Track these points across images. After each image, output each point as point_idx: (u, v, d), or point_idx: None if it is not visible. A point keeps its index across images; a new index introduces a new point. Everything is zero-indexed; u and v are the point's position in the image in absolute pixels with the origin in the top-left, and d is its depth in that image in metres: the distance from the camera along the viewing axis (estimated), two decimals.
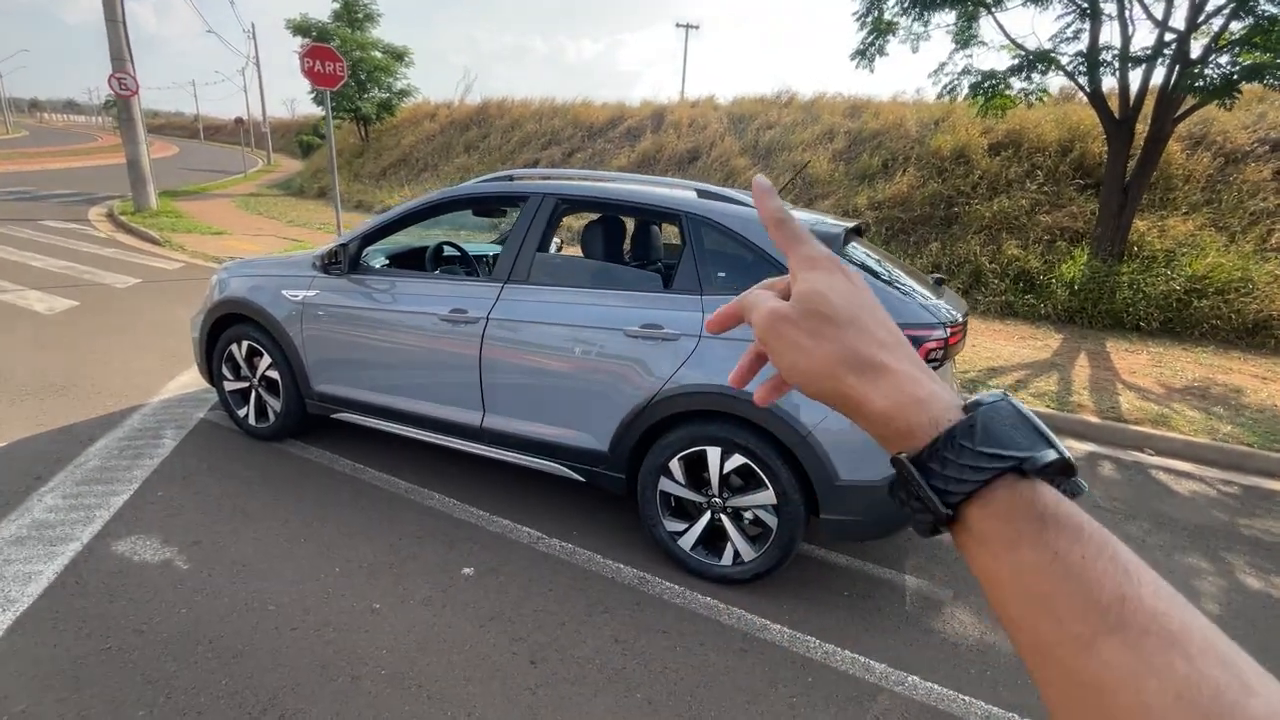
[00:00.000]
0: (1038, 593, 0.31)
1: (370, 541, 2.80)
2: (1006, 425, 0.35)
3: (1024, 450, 0.33)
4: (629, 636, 2.32)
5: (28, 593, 2.34)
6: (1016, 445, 0.34)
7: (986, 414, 0.35)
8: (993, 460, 0.33)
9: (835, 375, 0.39)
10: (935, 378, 0.38)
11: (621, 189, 2.90)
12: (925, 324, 2.32)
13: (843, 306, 0.39)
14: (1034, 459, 0.33)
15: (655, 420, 2.57)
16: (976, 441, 0.34)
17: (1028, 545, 0.32)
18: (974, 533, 0.34)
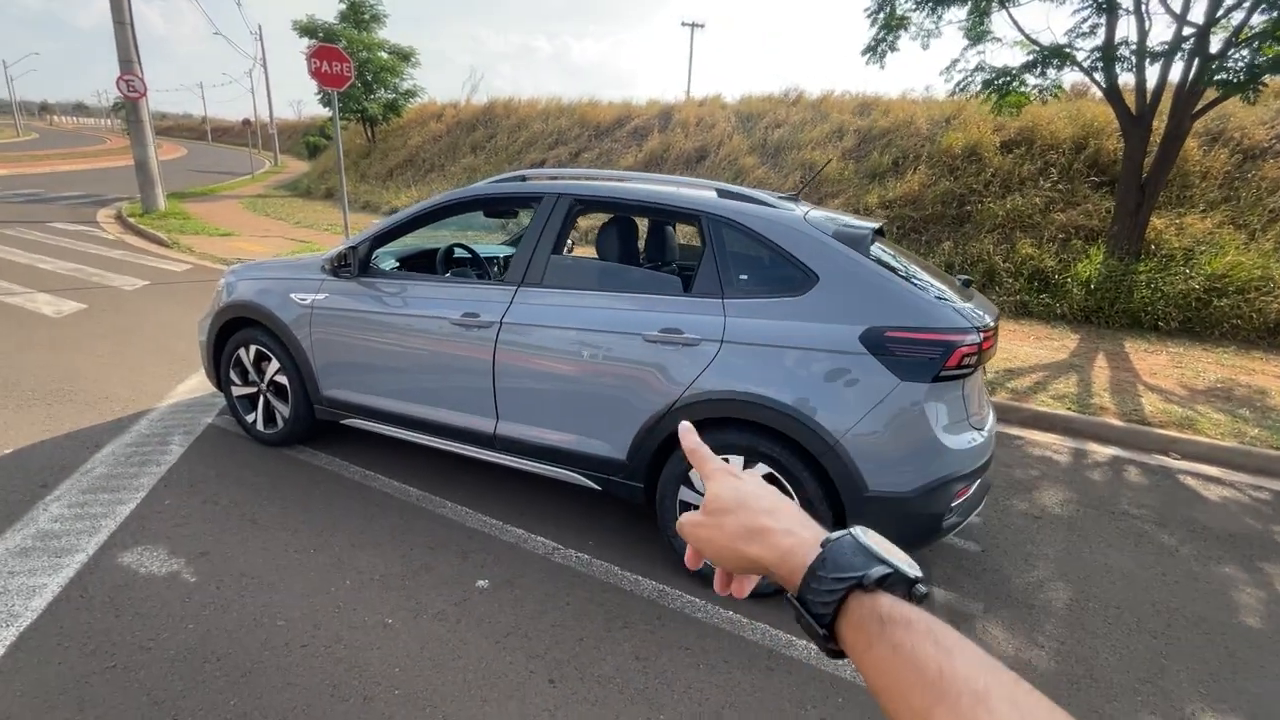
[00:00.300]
0: (890, 681, 0.39)
1: (381, 552, 2.72)
2: (848, 554, 0.45)
3: (859, 570, 0.43)
4: (650, 653, 2.24)
5: (32, 607, 2.27)
6: (854, 568, 0.43)
7: (832, 549, 0.45)
8: (839, 583, 0.43)
9: (735, 546, 0.51)
10: (807, 524, 0.50)
11: (639, 189, 2.81)
12: (958, 329, 2.23)
13: (731, 497, 0.53)
14: (868, 575, 0.42)
15: (675, 428, 2.48)
16: (827, 570, 0.44)
17: (876, 644, 0.40)
18: (848, 645, 0.43)
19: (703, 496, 0.56)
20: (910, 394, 2.21)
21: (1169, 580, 2.93)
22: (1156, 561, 3.08)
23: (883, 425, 2.22)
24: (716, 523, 0.53)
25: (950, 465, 2.26)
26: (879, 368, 2.22)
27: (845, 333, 2.27)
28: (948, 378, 2.23)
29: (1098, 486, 3.92)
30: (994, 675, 0.37)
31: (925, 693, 0.37)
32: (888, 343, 2.22)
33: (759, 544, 0.50)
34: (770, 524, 0.50)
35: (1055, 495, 3.71)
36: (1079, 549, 3.14)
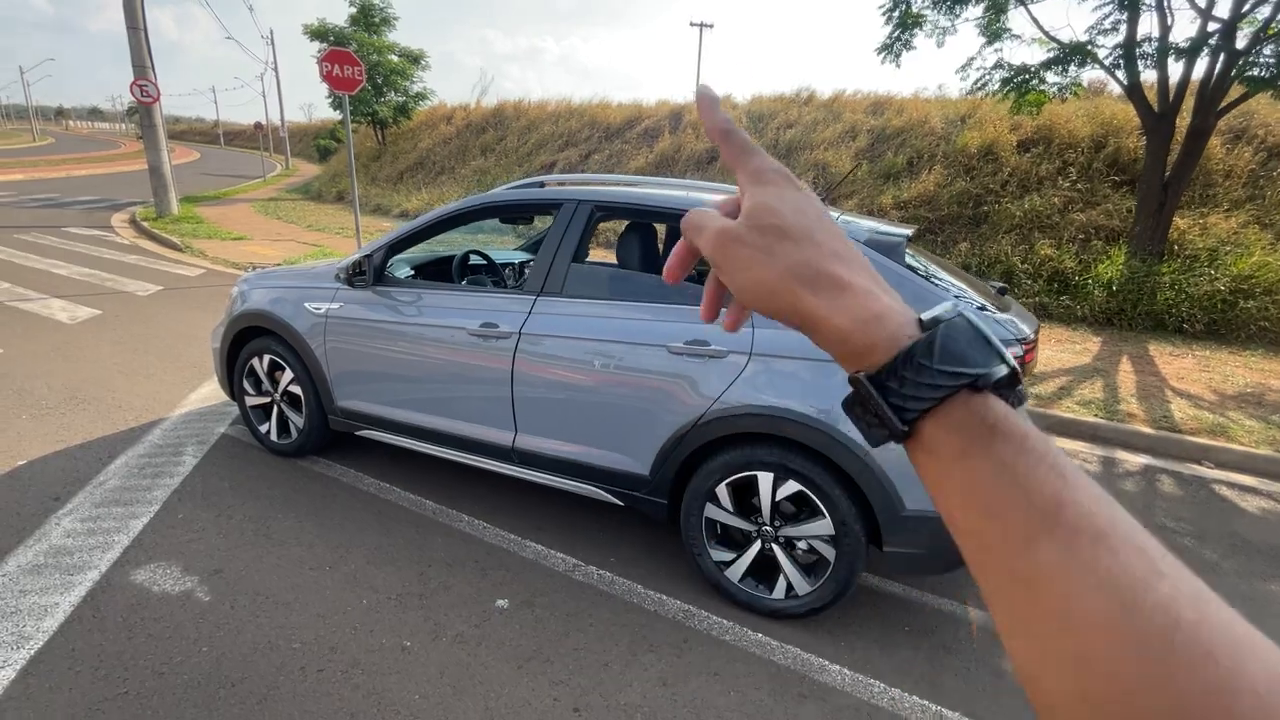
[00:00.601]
0: (984, 499, 0.32)
1: (398, 569, 2.66)
2: (963, 342, 0.35)
3: (980, 367, 0.34)
4: (677, 680, 2.16)
5: (44, 628, 2.22)
6: (973, 363, 0.34)
7: (945, 332, 0.35)
8: (951, 378, 0.34)
9: (791, 291, 0.38)
10: (891, 292, 0.38)
11: (661, 195, 2.73)
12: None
13: (795, 219, 0.38)
14: (989, 375, 0.34)
15: (701, 443, 2.40)
16: (935, 360, 0.34)
17: (977, 456, 0.33)
18: (926, 445, 0.35)
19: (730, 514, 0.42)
20: None
21: None
22: (1202, 580, 2.96)
23: None
24: (765, 245, 0.38)
25: None
26: None
27: None
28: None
29: (1132, 498, 3.79)
30: (1119, 513, 0.30)
31: (1034, 521, 0.30)
32: None
33: (828, 298, 0.37)
34: (844, 273, 0.37)
35: None
36: None
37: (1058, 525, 0.30)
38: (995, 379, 0.34)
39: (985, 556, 0.32)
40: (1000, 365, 0.34)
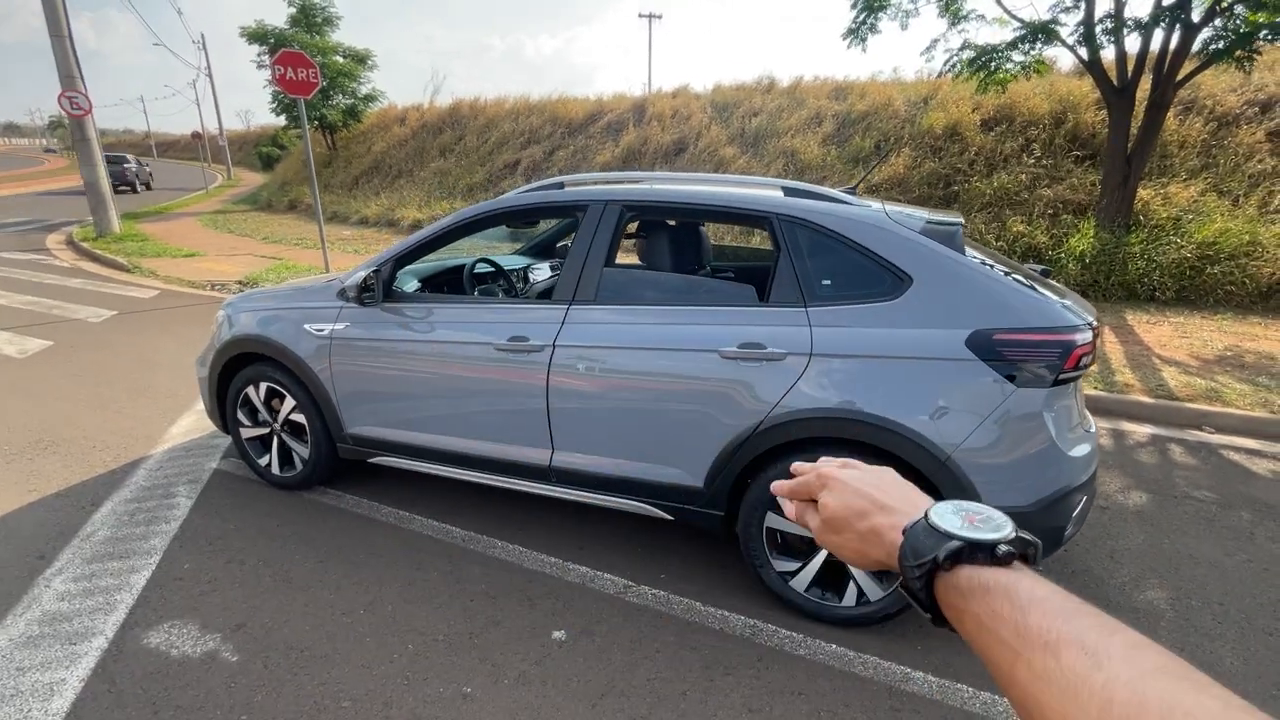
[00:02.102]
0: (980, 644, 0.42)
1: (438, 607, 2.47)
2: (920, 539, 0.47)
3: (931, 553, 0.46)
4: (762, 704, 2.04)
5: (53, 710, 1.97)
6: (927, 550, 0.46)
7: (909, 538, 0.49)
8: (919, 569, 0.46)
9: (858, 548, 0.54)
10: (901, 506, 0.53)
11: (698, 191, 2.58)
12: (1072, 326, 2.07)
13: (841, 509, 0.56)
14: (936, 557, 0.45)
15: (761, 450, 2.28)
16: (908, 558, 0.48)
17: (964, 617, 0.43)
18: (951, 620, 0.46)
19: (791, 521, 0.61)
20: (1027, 401, 2.04)
21: (1256, 567, 2.84)
22: (1237, 548, 2.99)
23: (998, 437, 2.05)
24: (835, 529, 0.56)
25: (1069, 475, 2.10)
26: (990, 374, 2.05)
27: (949, 337, 2.09)
28: (1065, 380, 2.06)
29: (1150, 469, 3.84)
30: (1067, 622, 0.37)
31: (1005, 651, 0.39)
32: (998, 346, 2.05)
33: (876, 547, 0.52)
34: (878, 522, 0.52)
35: (1113, 482, 3.62)
36: (1158, 541, 3.03)
37: (1019, 651, 0.37)
38: (946, 556, 0.44)
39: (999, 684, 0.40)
40: (949, 544, 0.45)
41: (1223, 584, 2.72)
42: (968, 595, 0.42)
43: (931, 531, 0.46)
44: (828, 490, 0.57)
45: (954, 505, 0.48)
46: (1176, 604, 2.57)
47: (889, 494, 0.54)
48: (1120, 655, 0.33)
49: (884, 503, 0.53)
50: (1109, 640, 0.34)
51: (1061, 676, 0.34)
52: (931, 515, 0.47)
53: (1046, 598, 0.39)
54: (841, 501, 0.55)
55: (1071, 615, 0.37)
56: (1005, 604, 0.40)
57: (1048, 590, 0.40)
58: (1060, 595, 0.39)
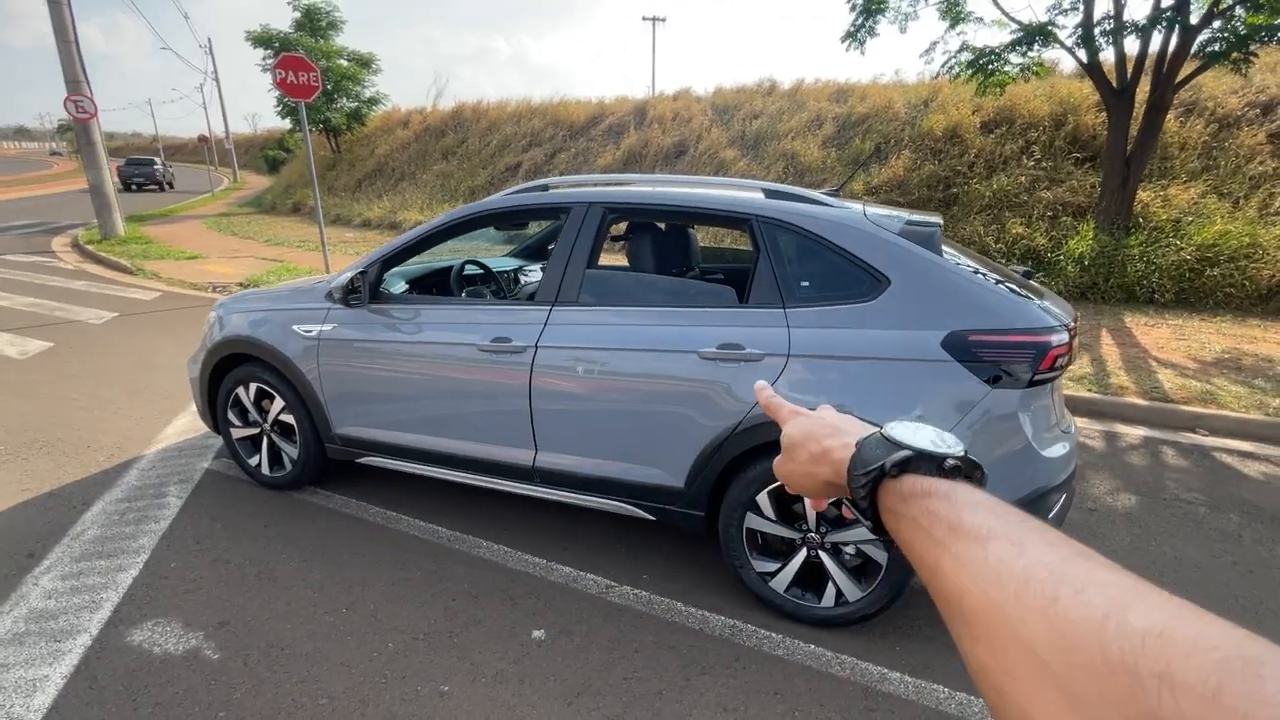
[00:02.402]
0: (911, 546, 0.42)
1: (421, 605, 2.48)
2: (870, 450, 0.49)
3: (880, 461, 0.47)
4: (738, 703, 2.05)
5: (35, 706, 2.00)
6: (876, 459, 0.48)
7: (860, 450, 0.51)
8: (865, 476, 0.48)
9: (811, 473, 0.57)
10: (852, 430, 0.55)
11: (677, 193, 2.60)
12: (1048, 327, 2.07)
13: (799, 433, 0.59)
14: (886, 463, 0.47)
15: (740, 451, 2.29)
16: (856, 468, 0.50)
17: (902, 521, 0.44)
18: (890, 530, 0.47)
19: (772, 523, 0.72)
20: (1003, 402, 2.05)
21: (1242, 569, 2.83)
22: (1224, 550, 2.98)
23: (974, 437, 2.06)
24: (791, 458, 0.59)
25: (1046, 475, 2.10)
26: (966, 375, 2.05)
27: (925, 339, 2.10)
28: (1041, 381, 2.07)
29: (1140, 471, 3.82)
30: (1000, 520, 0.38)
31: (934, 547, 0.39)
32: (974, 347, 2.06)
33: (823, 465, 0.54)
34: (829, 443, 0.55)
35: (1102, 484, 3.61)
36: (1144, 543, 3.03)
37: (948, 546, 0.38)
38: (894, 463, 0.46)
39: (928, 586, 0.40)
40: (899, 453, 0.46)
41: (1207, 586, 2.71)
42: (908, 499, 0.43)
43: (883, 442, 0.48)
44: (792, 422, 0.60)
45: (913, 424, 0.49)
46: None
47: (847, 423, 0.57)
48: (1043, 544, 0.34)
49: (840, 427, 0.56)
50: (1035, 534, 0.35)
51: (986, 563, 0.34)
52: (886, 428, 0.49)
53: (982, 501, 0.40)
54: (802, 430, 0.58)
55: (1004, 515, 0.38)
56: (943, 505, 0.41)
57: (985, 497, 0.41)
58: (996, 501, 0.40)
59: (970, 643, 0.33)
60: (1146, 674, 0.24)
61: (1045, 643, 0.28)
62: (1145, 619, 0.26)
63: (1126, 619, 0.26)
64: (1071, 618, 0.28)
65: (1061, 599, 0.29)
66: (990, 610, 0.32)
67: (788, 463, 0.59)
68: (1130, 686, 0.24)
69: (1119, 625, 0.26)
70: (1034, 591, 0.31)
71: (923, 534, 0.41)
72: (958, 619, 0.35)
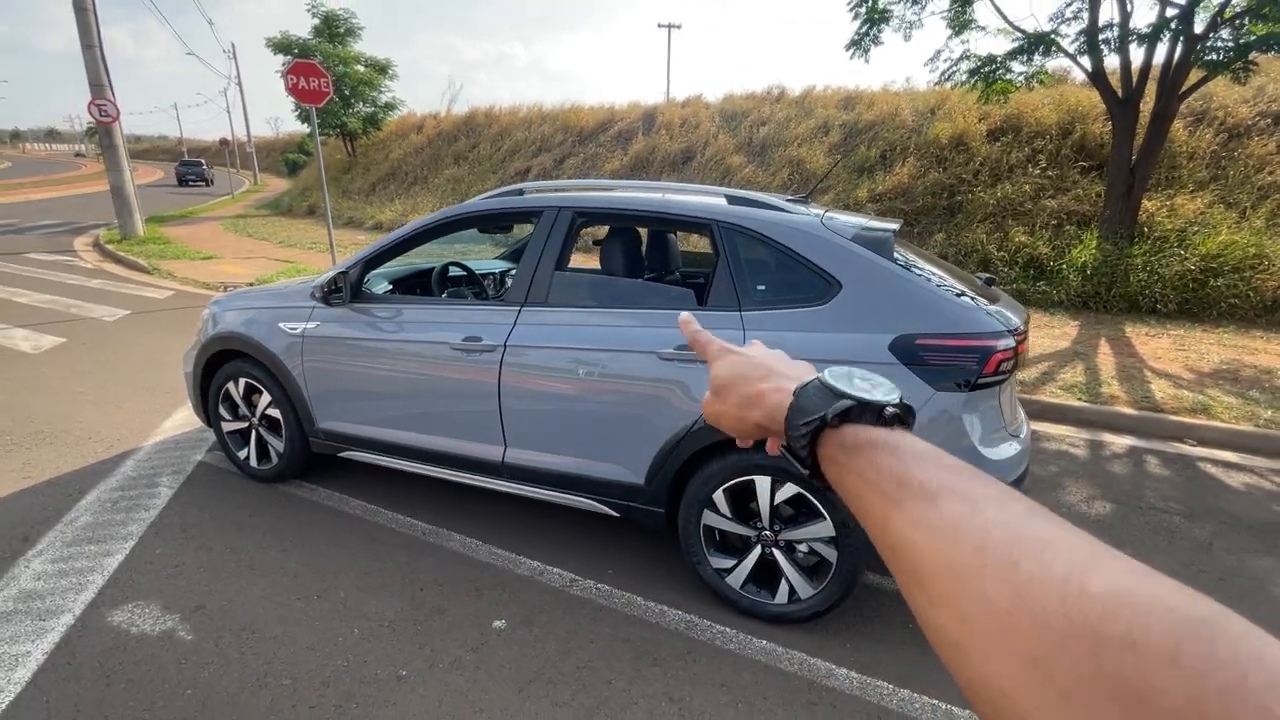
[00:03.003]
0: (858, 500, 0.41)
1: (391, 595, 2.57)
2: (811, 397, 0.47)
3: (821, 410, 0.45)
4: (684, 694, 2.11)
5: (15, 680, 2.11)
6: (816, 409, 0.46)
7: (799, 398, 0.49)
8: (806, 425, 0.46)
9: (741, 415, 0.54)
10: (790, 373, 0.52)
11: (643, 198, 2.68)
12: (993, 333, 2.12)
13: (728, 373, 0.56)
14: (828, 413, 0.45)
15: (697, 449, 2.36)
16: (796, 417, 0.48)
17: (846, 471, 0.43)
18: (831, 481, 0.45)
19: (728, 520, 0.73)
20: (946, 404, 2.09)
21: (1211, 579, 2.84)
22: (1194, 559, 2.99)
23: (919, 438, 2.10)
24: (720, 399, 0.56)
25: None
26: (911, 378, 2.10)
27: (873, 342, 2.15)
28: (984, 385, 2.11)
29: (1120, 480, 3.82)
30: (950, 475, 0.37)
31: (883, 502, 0.38)
32: (919, 351, 2.11)
33: (756, 409, 0.52)
34: (763, 387, 0.52)
35: (1079, 491, 3.62)
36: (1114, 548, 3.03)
37: (899, 500, 0.37)
38: (836, 413, 0.44)
39: (875, 543, 0.39)
40: (840, 402, 0.44)
41: None
42: (852, 451, 0.42)
43: (824, 390, 0.46)
44: (721, 361, 0.57)
45: (845, 370, 0.48)
46: None
47: (779, 364, 0.55)
48: (997, 500, 0.33)
49: (774, 369, 0.53)
50: (986, 489, 0.35)
51: (940, 520, 0.33)
52: (826, 376, 0.48)
53: (928, 453, 0.39)
54: (732, 370, 0.55)
55: (953, 470, 0.37)
56: (889, 458, 0.39)
57: (929, 448, 0.40)
58: (941, 453, 0.40)
59: (926, 605, 0.33)
60: (1107, 636, 0.24)
61: (1007, 606, 0.28)
62: (1105, 582, 0.26)
63: (1087, 582, 0.26)
64: (1033, 580, 0.28)
65: (1021, 562, 0.29)
66: (948, 573, 0.31)
67: (716, 404, 0.56)
68: (1092, 648, 0.24)
69: (1080, 588, 0.26)
70: (993, 554, 0.30)
71: (868, 487, 0.39)
72: (913, 581, 0.34)
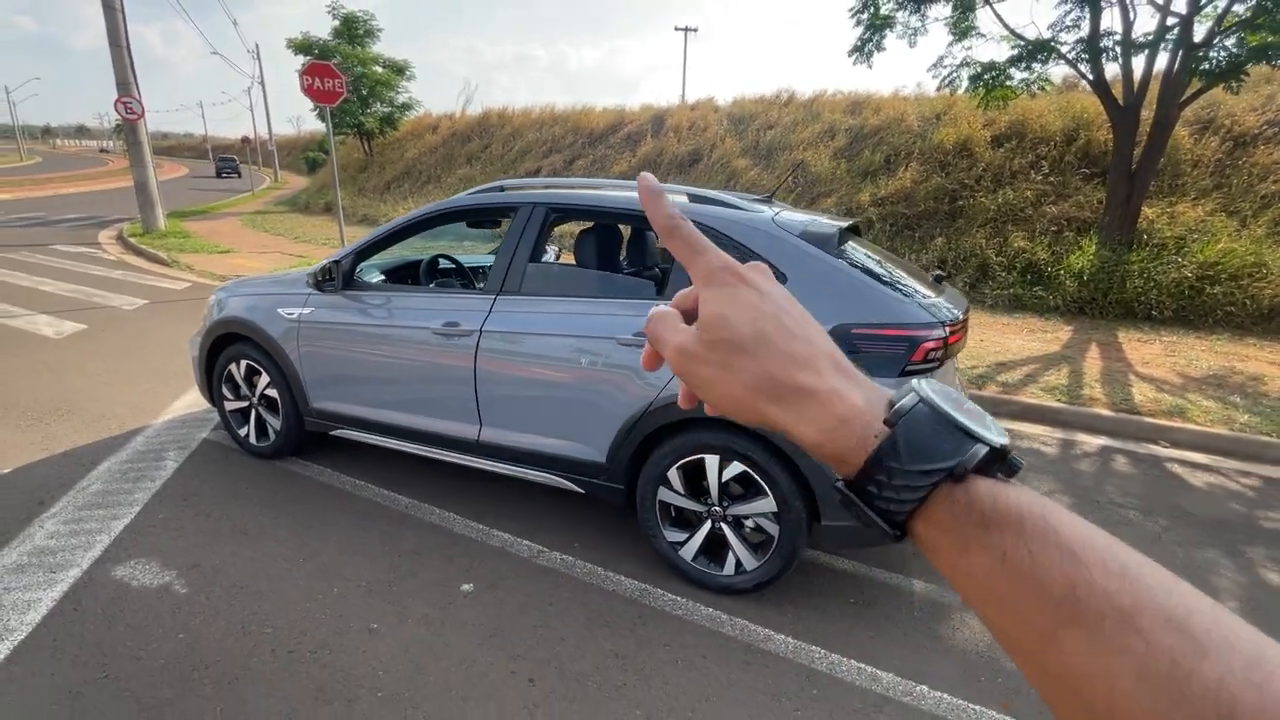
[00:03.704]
0: (995, 594, 0.30)
1: (370, 560, 2.77)
2: (928, 434, 0.33)
3: (951, 458, 0.32)
4: (629, 651, 2.28)
5: (26, 621, 2.33)
6: (943, 455, 0.32)
7: (907, 429, 0.33)
8: (924, 477, 0.32)
9: (755, 407, 0.37)
10: (859, 380, 0.37)
11: (611, 195, 2.86)
12: (923, 324, 2.27)
13: (748, 329, 0.37)
14: (963, 464, 0.32)
15: (652, 429, 2.53)
16: (903, 461, 0.33)
17: (976, 550, 0.31)
18: (925, 543, 0.34)
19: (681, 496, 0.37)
20: None
21: None
22: (1139, 549, 3.03)
23: None
24: (722, 362, 0.37)
25: None
26: None
27: None
28: (914, 372, 2.26)
29: (1084, 476, 3.94)
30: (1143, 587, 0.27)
31: (1050, 612, 0.28)
32: (855, 340, 2.27)
33: (795, 410, 0.36)
34: (805, 380, 0.36)
35: (1041, 486, 3.74)
36: None
37: (1078, 615, 0.27)
38: (974, 463, 0.32)
39: (1013, 649, 0.30)
40: (975, 447, 0.32)
41: None
42: (991, 527, 0.31)
43: (945, 424, 0.33)
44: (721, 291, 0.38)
45: (928, 383, 0.36)
46: None
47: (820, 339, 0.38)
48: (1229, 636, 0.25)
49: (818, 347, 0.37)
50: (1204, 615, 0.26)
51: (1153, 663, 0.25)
52: (935, 398, 0.34)
53: (1099, 541, 0.29)
54: (755, 327, 0.37)
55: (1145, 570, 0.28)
56: (1050, 550, 0.29)
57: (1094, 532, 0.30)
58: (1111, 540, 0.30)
59: None
60: None
61: None
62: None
63: None
64: None
65: None
66: None
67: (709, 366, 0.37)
68: None
69: None
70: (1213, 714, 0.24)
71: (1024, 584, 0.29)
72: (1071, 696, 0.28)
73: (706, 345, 0.37)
